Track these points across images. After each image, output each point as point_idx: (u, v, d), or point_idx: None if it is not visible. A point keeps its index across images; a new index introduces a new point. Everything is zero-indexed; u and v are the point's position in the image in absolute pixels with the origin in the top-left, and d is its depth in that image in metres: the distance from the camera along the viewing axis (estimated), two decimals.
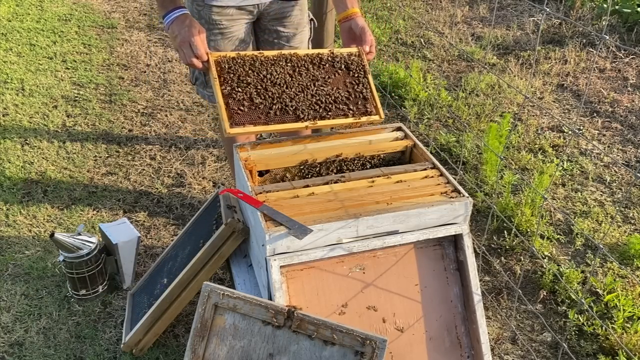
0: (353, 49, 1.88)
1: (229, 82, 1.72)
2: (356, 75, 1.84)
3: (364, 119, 1.80)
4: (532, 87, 3.62)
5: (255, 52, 1.80)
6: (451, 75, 3.82)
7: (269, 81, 1.75)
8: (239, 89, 1.71)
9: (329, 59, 1.84)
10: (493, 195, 2.74)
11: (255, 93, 1.72)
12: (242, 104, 1.70)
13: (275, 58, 1.79)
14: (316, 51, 1.85)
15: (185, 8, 1.77)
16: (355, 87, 1.82)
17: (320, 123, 1.75)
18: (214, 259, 1.80)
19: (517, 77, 3.71)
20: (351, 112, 1.79)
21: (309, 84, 1.78)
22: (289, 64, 1.80)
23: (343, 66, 1.84)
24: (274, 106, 1.72)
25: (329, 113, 1.76)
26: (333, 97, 1.79)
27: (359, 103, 1.81)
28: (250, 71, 1.75)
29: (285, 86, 1.76)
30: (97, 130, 3.19)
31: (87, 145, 3.06)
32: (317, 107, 1.76)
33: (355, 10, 1.91)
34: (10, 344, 2.02)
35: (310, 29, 2.20)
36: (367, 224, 1.53)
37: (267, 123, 1.71)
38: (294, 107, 1.73)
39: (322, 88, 1.79)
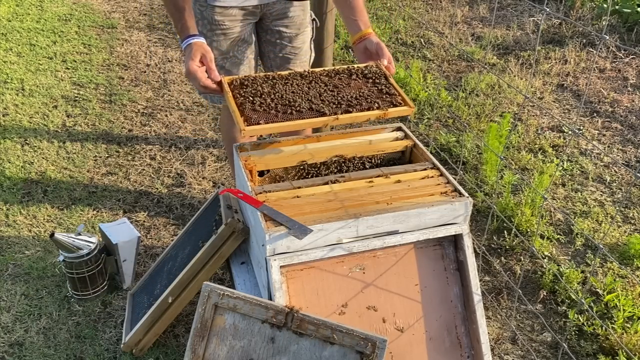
0: (370, 63, 1.84)
1: (243, 94, 1.68)
2: (377, 81, 1.78)
3: (392, 110, 1.69)
4: (532, 87, 3.62)
5: (269, 73, 1.77)
6: (451, 75, 3.82)
7: (284, 90, 1.70)
8: (253, 98, 1.67)
9: (346, 71, 1.80)
10: (493, 195, 2.74)
11: (269, 99, 1.67)
12: (256, 108, 1.65)
13: (289, 75, 1.76)
14: (332, 67, 1.84)
15: (195, 36, 1.74)
16: (377, 87, 1.76)
17: (344, 117, 1.65)
18: (214, 259, 1.80)
19: (517, 77, 3.71)
20: (376, 104, 1.69)
21: (327, 89, 1.73)
22: (304, 80, 1.76)
23: (361, 75, 1.79)
24: (291, 108, 1.65)
25: (353, 108, 1.67)
26: (355, 95, 1.71)
27: (384, 97, 1.73)
28: (264, 85, 1.71)
29: (302, 92, 1.70)
30: (97, 130, 3.19)
31: (87, 145, 3.06)
32: (339, 103, 1.68)
33: (369, 31, 1.88)
34: (10, 344, 2.02)
35: (313, 29, 2.19)
36: (367, 224, 1.53)
37: (285, 120, 1.62)
38: (311, 106, 1.66)
39: (342, 90, 1.73)
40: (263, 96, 1.68)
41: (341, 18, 2.01)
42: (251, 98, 1.67)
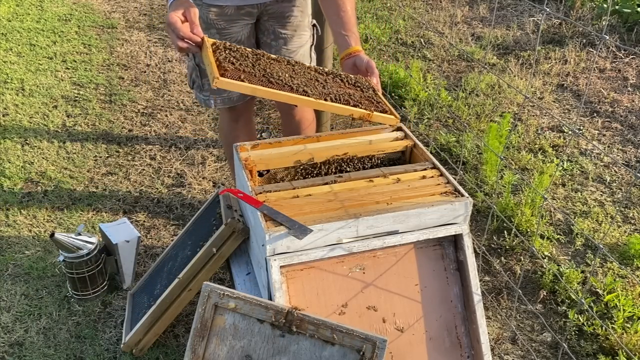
0: (360, 76, 1.82)
1: (225, 55, 1.57)
2: (365, 92, 1.76)
3: (377, 113, 1.66)
4: (532, 87, 3.62)
5: (257, 50, 1.72)
6: (451, 75, 3.82)
7: (269, 66, 1.61)
8: (235, 59, 1.56)
9: (336, 74, 1.77)
10: (493, 195, 2.74)
11: (252, 65, 1.57)
12: (236, 67, 1.54)
13: (278, 58, 1.72)
14: (322, 67, 1.80)
15: None
16: (365, 95, 1.74)
17: (328, 105, 1.59)
18: (214, 259, 1.80)
19: (517, 77, 3.71)
20: (363, 105, 1.66)
21: (315, 80, 1.68)
22: (294, 67, 1.70)
23: (351, 83, 1.76)
24: (273, 79, 1.56)
25: (339, 100, 1.61)
26: (342, 93, 1.66)
27: (372, 102, 1.70)
28: (249, 55, 1.62)
29: (288, 73, 1.62)
30: (97, 130, 3.19)
31: (87, 145, 3.06)
32: (325, 94, 1.61)
33: (359, 49, 1.85)
34: (10, 344, 2.02)
35: (313, 35, 2.15)
36: (367, 224, 1.53)
37: (266, 86, 1.52)
38: (292, 87, 1.58)
39: (330, 85, 1.67)
40: (246, 62, 1.58)
41: (331, 32, 1.95)
42: (232, 59, 1.57)
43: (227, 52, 1.61)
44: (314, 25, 2.15)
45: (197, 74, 2.07)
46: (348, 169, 1.79)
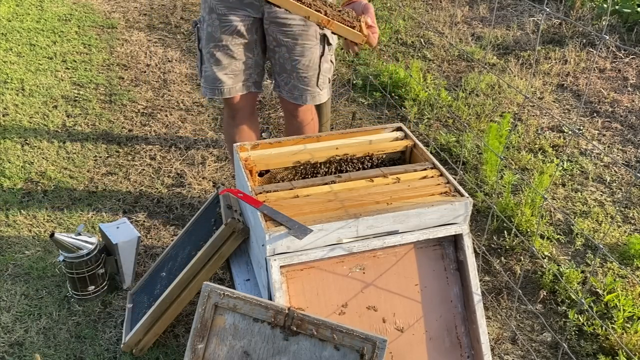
0: (349, 9, 1.74)
1: None
2: (344, 16, 1.66)
3: (337, 23, 1.58)
4: (532, 87, 3.62)
5: None
6: (451, 75, 3.82)
7: None
8: None
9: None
10: (493, 195, 2.74)
11: None
12: None
13: None
14: None
15: None
16: (341, 15, 1.65)
17: None
18: (214, 259, 1.80)
19: (517, 77, 3.71)
20: (330, 15, 1.57)
21: None
22: None
23: (334, 8, 1.67)
24: None
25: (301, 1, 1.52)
26: (315, 3, 1.58)
27: (344, 19, 1.61)
28: None
29: None
30: (97, 130, 3.19)
31: (87, 145, 3.06)
32: None
33: None
34: (10, 344, 2.02)
35: (323, 45, 2.07)
36: (367, 224, 1.53)
37: None
38: None
39: None
40: None
41: None
42: None
43: None
44: (324, 36, 2.05)
45: (199, 59, 2.09)
46: (348, 169, 1.79)
